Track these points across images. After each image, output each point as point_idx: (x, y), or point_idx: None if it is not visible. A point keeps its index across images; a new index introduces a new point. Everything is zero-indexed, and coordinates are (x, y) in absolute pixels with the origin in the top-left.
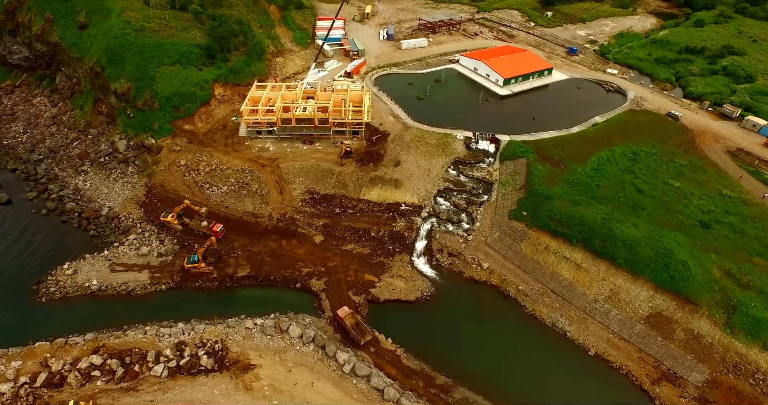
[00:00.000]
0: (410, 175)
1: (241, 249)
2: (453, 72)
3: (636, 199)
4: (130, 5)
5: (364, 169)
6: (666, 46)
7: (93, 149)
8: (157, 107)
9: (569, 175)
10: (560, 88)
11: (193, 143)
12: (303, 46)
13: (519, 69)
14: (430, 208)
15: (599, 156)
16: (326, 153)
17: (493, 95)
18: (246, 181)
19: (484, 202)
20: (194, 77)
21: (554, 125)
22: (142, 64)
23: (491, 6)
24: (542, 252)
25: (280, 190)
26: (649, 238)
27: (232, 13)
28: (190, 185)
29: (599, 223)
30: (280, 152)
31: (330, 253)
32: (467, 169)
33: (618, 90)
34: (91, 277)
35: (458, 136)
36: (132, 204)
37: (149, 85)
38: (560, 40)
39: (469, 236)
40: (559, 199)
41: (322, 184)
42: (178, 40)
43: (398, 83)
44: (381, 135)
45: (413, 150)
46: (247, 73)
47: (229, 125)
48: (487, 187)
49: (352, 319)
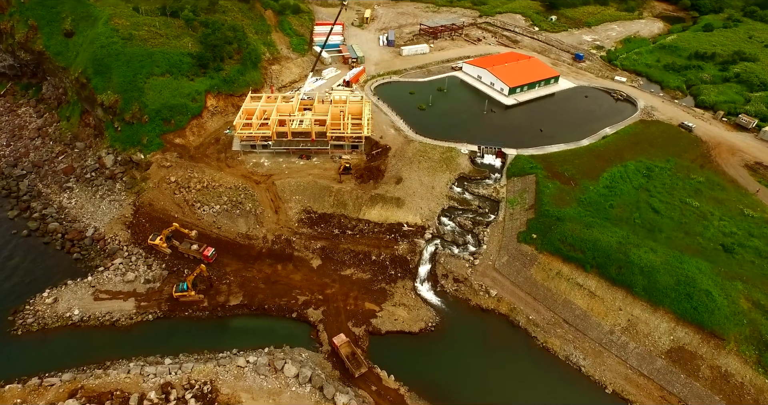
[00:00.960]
0: (413, 193)
1: (234, 275)
2: (456, 80)
3: (652, 220)
4: (119, 12)
5: (363, 187)
6: (675, 51)
7: (79, 164)
8: (146, 120)
9: (581, 194)
10: (567, 97)
11: (183, 158)
12: (300, 53)
13: (525, 77)
14: (433, 228)
15: (611, 172)
16: (324, 169)
17: (498, 105)
18: (239, 199)
19: (491, 223)
20: (185, 88)
21: (563, 137)
22: (130, 75)
23: (494, 10)
24: (554, 278)
25: (275, 209)
26: (668, 264)
27: (226, 19)
28: (180, 204)
29: (614, 248)
30: (275, 168)
31: (328, 278)
32: (473, 186)
33: (627, 99)
34: (73, 306)
35: (463, 151)
36: (119, 224)
37: (138, 97)
38: (566, 45)
39: (475, 260)
40: (571, 221)
41: (319, 202)
42: (169, 49)
43: (399, 92)
44: (381, 149)
45: (416, 166)
46: (242, 82)
47: (222, 139)
48: (493, 205)
49: (348, 349)
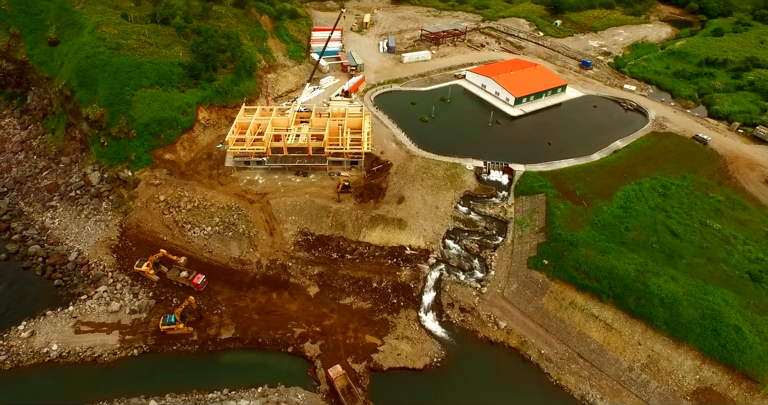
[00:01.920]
0: (415, 214)
1: (226, 304)
2: (459, 89)
3: (671, 244)
4: (106, 19)
5: (363, 207)
6: (685, 58)
7: (64, 181)
8: (133, 135)
9: (594, 216)
10: (575, 107)
11: (174, 175)
12: (297, 61)
13: (531, 86)
14: (438, 252)
15: (625, 191)
16: (321, 187)
17: (504, 115)
18: (232, 220)
19: (498, 246)
20: (176, 100)
21: (572, 151)
22: (116, 87)
23: (497, 14)
24: (567, 308)
25: (270, 230)
26: (691, 295)
27: (220, 25)
28: (169, 225)
29: (632, 277)
30: (270, 186)
31: (326, 308)
32: (479, 206)
33: (638, 109)
34: (52, 340)
35: (468, 167)
36: (104, 248)
37: (125, 111)
38: (572, 51)
39: (483, 288)
40: (584, 246)
41: (317, 223)
42: (159, 59)
43: (400, 102)
44: (382, 165)
45: (418, 183)
46: (236, 93)
47: (215, 154)
48: (501, 226)
49: (343, 382)
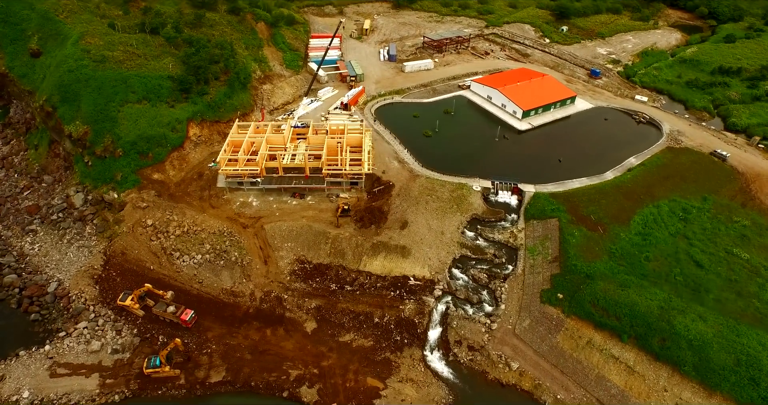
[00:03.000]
0: (420, 241)
1: (216, 342)
2: (463, 100)
3: (696, 277)
4: (92, 29)
5: (364, 233)
6: (697, 66)
7: (46, 202)
8: (119, 154)
9: (611, 244)
10: (585, 120)
11: (162, 197)
12: (294, 70)
13: (539, 98)
14: (444, 283)
15: (643, 215)
16: (319, 210)
17: (511, 129)
18: (224, 247)
19: (509, 276)
20: (165, 116)
21: (584, 169)
22: (101, 103)
23: (501, 20)
24: (584, 348)
25: (264, 258)
26: (722, 337)
27: (214, 34)
28: (157, 253)
29: (655, 315)
30: (264, 209)
31: (324, 347)
32: (487, 230)
33: (651, 122)
34: (23, 385)
35: (475, 187)
36: (86, 278)
37: (110, 128)
38: (580, 59)
39: (493, 324)
40: (602, 279)
41: (314, 251)
42: (147, 72)
43: (402, 115)
44: (384, 186)
45: (422, 206)
46: (229, 107)
47: (206, 173)
48: (511, 254)
49: None
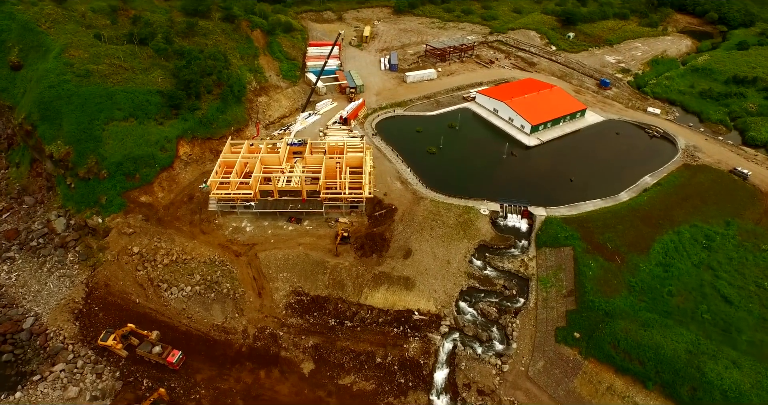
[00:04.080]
0: (424, 271)
1: (206, 386)
2: (468, 113)
3: (726, 314)
4: (76, 41)
5: (365, 262)
6: (710, 75)
7: (26, 226)
8: (104, 176)
9: (630, 276)
10: (596, 134)
11: (150, 222)
12: (291, 81)
13: (548, 112)
14: (451, 318)
15: (663, 242)
16: (317, 236)
17: (518, 145)
18: (215, 278)
19: (520, 310)
20: (153, 134)
21: (597, 189)
22: (84, 121)
23: (505, 26)
24: (604, 394)
25: (258, 290)
26: (762, 388)
27: (207, 43)
28: (143, 284)
29: (683, 360)
30: (259, 235)
31: (323, 391)
32: (496, 259)
33: (664, 136)
34: None
35: (483, 211)
36: (65, 313)
37: (94, 148)
38: (588, 69)
39: (504, 365)
40: (623, 318)
41: (312, 282)
42: (134, 87)
43: (404, 129)
44: (386, 210)
45: (427, 233)
46: (222, 122)
47: (197, 195)
48: (522, 285)
49: None
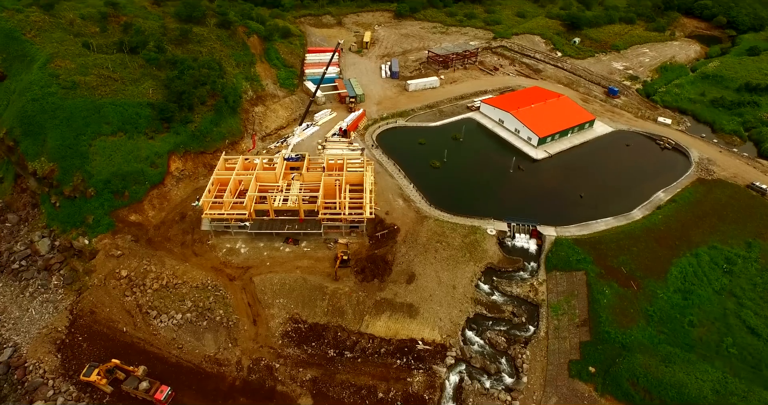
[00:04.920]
0: (429, 297)
1: None
2: (472, 123)
3: (754, 349)
4: (63, 50)
5: (366, 287)
6: (721, 82)
7: (8, 247)
8: (91, 194)
9: (648, 304)
10: (606, 146)
11: (140, 243)
12: (289, 90)
13: (556, 123)
14: (457, 348)
15: (681, 266)
16: (315, 259)
17: (525, 158)
18: (207, 304)
19: (530, 339)
20: (143, 150)
21: (608, 206)
22: (70, 137)
23: (509, 31)
24: None
25: (253, 317)
26: None
27: (201, 51)
28: (131, 311)
29: (710, 401)
30: (254, 257)
31: None
32: (503, 283)
33: (676, 148)
34: None
35: (489, 231)
36: (47, 344)
37: (80, 165)
38: (595, 76)
39: (514, 401)
40: (641, 351)
41: (309, 308)
42: (123, 99)
43: (406, 141)
44: (388, 231)
45: (432, 255)
46: (216, 135)
47: (189, 214)
48: (532, 312)
49: None
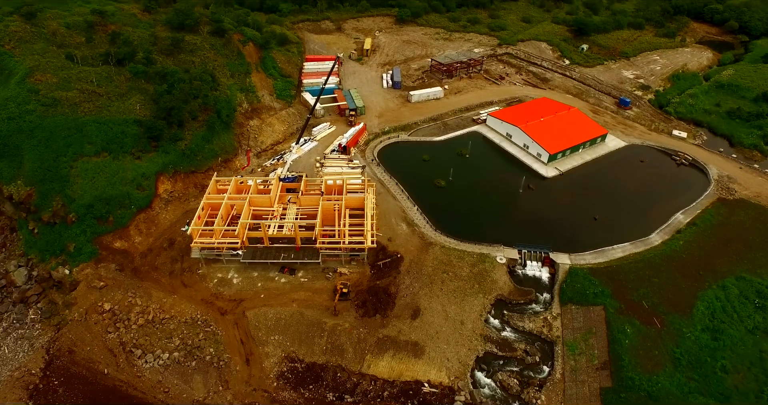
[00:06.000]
0: (435, 334)
1: None
2: (479, 138)
3: None
4: (45, 63)
5: (367, 323)
6: (736, 92)
7: None
8: (72, 220)
9: (674, 345)
10: (619, 162)
11: (125, 272)
12: (285, 101)
13: (567, 138)
14: (466, 392)
15: (707, 300)
16: (313, 290)
17: (535, 175)
18: (197, 341)
19: (545, 382)
20: (129, 171)
21: (624, 230)
22: (49, 158)
23: (514, 37)
24: None
25: (246, 356)
26: None
27: (194, 61)
28: (114, 350)
29: None
30: (247, 288)
31: None
32: (515, 317)
33: (693, 164)
34: None
35: (499, 259)
36: (18, 389)
37: (60, 189)
38: (605, 85)
39: None
40: (670, 401)
41: (307, 346)
42: (108, 116)
43: (409, 158)
44: (391, 259)
45: (438, 287)
46: (208, 153)
47: (178, 240)
48: (546, 350)
49: None
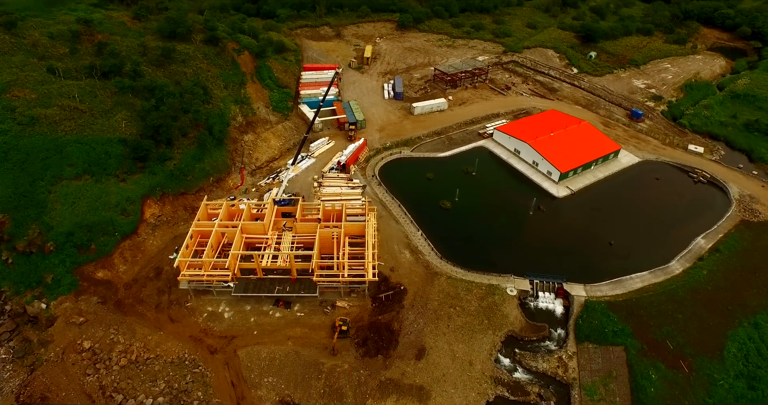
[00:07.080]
0: (441, 377)
1: None
2: (485, 153)
3: None
4: (23, 77)
5: (368, 364)
6: (753, 102)
7: None
8: (51, 249)
9: (705, 395)
10: (633, 180)
11: (107, 306)
12: (282, 114)
13: (578, 154)
14: None
15: (739, 340)
16: (310, 326)
17: (545, 195)
18: (183, 385)
19: None
20: (113, 195)
21: (643, 256)
22: (24, 183)
23: (520, 44)
24: None
25: (237, 401)
26: None
27: (186, 71)
28: (92, 395)
29: None
30: (239, 323)
31: None
32: (527, 356)
33: (712, 181)
34: None
35: (509, 290)
36: None
37: (36, 216)
38: (616, 96)
39: None
40: None
41: (303, 389)
42: (91, 135)
43: (412, 176)
44: (394, 292)
45: (444, 323)
46: (199, 172)
47: (166, 269)
48: (561, 393)
49: None
